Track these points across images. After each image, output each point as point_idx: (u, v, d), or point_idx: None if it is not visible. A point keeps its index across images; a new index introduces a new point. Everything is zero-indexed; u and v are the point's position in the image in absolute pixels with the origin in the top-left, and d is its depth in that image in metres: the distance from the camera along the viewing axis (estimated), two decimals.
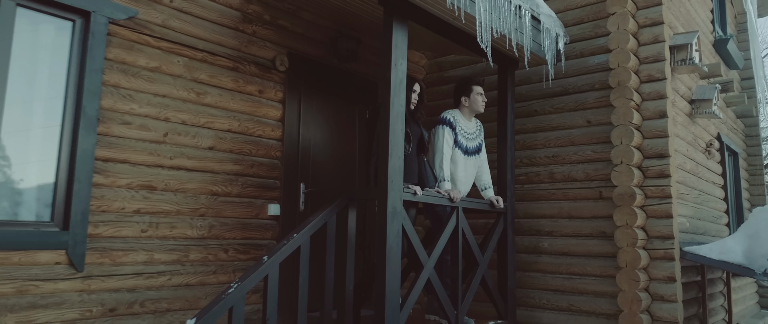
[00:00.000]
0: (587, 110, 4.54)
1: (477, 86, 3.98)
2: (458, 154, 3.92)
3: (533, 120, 4.83)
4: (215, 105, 3.84)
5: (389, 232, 3.12)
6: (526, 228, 4.73)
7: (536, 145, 4.79)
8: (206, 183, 3.75)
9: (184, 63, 3.69)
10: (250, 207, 4.01)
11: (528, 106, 4.88)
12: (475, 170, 4.09)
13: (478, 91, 3.98)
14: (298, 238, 3.06)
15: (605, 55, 4.44)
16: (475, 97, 3.97)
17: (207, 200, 3.75)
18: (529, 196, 4.76)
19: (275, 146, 4.21)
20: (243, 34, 4.05)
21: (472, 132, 4.05)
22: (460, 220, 3.70)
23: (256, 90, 4.11)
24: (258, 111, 4.11)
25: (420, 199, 3.43)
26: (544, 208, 4.65)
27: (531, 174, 4.78)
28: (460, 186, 3.96)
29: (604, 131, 4.39)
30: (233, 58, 3.97)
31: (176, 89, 3.64)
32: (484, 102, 4.00)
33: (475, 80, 4.00)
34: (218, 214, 3.81)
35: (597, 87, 4.51)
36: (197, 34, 3.77)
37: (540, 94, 4.82)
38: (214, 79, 3.85)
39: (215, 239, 3.78)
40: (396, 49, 3.30)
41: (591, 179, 4.44)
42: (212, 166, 3.79)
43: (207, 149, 3.77)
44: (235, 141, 3.95)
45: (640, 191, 4.12)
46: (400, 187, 3.22)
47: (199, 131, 3.74)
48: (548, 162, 4.69)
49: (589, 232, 4.39)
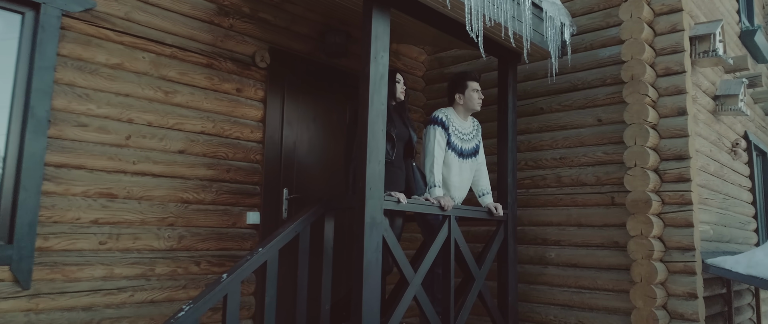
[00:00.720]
0: (598, 108, 4.13)
1: (473, 82, 3.61)
2: (452, 157, 3.56)
3: (539, 119, 4.44)
4: (186, 105, 3.54)
5: (367, 245, 2.77)
6: (530, 237, 4.34)
7: (542, 146, 4.39)
8: (175, 190, 3.45)
9: (150, 59, 3.39)
10: (226, 215, 3.69)
11: (533, 104, 4.49)
12: (472, 174, 3.72)
13: (474, 87, 3.61)
14: (263, 253, 2.73)
15: (617, 47, 4.03)
16: (470, 94, 3.60)
17: (176, 208, 3.44)
18: (535, 202, 4.37)
19: (255, 149, 3.89)
20: (218, 28, 3.74)
21: (467, 132, 3.68)
22: (452, 229, 3.34)
23: (233, 88, 3.79)
24: (236, 111, 3.79)
25: (404, 208, 3.08)
26: (551, 215, 4.26)
27: (536, 178, 4.38)
28: (454, 192, 3.59)
29: (616, 131, 3.98)
30: (207, 54, 3.66)
31: (141, 88, 3.34)
32: (480, 99, 3.63)
33: (471, 75, 3.63)
34: (189, 224, 3.50)
35: (608, 82, 4.10)
36: (165, 27, 3.46)
37: (546, 91, 4.43)
38: (185, 76, 3.54)
39: (186, 251, 3.47)
40: (376, 40, 2.95)
41: (602, 183, 4.03)
42: (182, 171, 3.49)
43: (176, 153, 3.47)
44: (210, 144, 3.63)
45: (657, 197, 3.71)
46: (380, 194, 2.87)
47: (167, 133, 3.43)
48: (555, 164, 4.30)
49: (600, 242, 3.99)
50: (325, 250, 3.01)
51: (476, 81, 3.61)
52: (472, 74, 3.63)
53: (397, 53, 5.07)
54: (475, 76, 3.62)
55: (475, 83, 3.61)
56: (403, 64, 5.13)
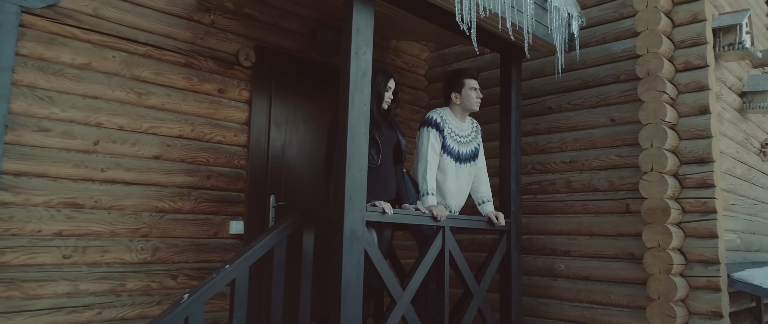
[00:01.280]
0: (611, 106, 3.79)
1: (470, 79, 3.30)
2: (448, 162, 3.25)
3: (547, 119, 4.11)
4: (162, 107, 3.30)
5: (346, 261, 2.49)
6: (538, 246, 4.01)
7: (551, 149, 4.06)
8: (149, 198, 3.21)
9: (121, 59, 3.16)
10: (206, 225, 3.45)
11: (541, 103, 4.16)
12: (471, 180, 3.41)
13: (472, 85, 3.30)
14: (231, 270, 2.47)
15: (632, 40, 3.68)
16: (467, 93, 3.29)
17: (151, 218, 3.21)
18: (543, 209, 4.04)
19: (239, 153, 3.64)
20: (198, 25, 3.50)
21: (465, 134, 3.38)
22: (446, 241, 3.04)
23: (214, 89, 3.55)
24: (217, 113, 3.55)
25: (391, 219, 2.79)
26: (560, 224, 3.93)
27: (544, 183, 4.05)
28: (450, 200, 3.29)
29: (631, 131, 3.63)
30: (186, 53, 3.42)
31: (111, 89, 3.11)
32: (478, 99, 3.32)
33: (468, 72, 3.32)
34: (165, 234, 3.27)
35: (622, 78, 3.76)
36: (139, 24, 3.23)
37: (554, 89, 4.09)
38: (161, 76, 3.31)
39: (161, 264, 3.24)
40: (358, 34, 2.67)
41: (616, 189, 3.69)
42: (157, 178, 3.25)
43: (151, 159, 3.24)
44: (188, 149, 3.39)
45: (676, 205, 3.35)
46: (361, 204, 2.59)
47: (140, 138, 3.20)
48: (565, 168, 3.96)
49: (614, 253, 3.64)
50: (303, 266, 2.74)
51: (474, 78, 3.31)
52: (470, 71, 3.33)
53: (398, 50, 4.79)
54: (473, 73, 3.32)
55: (473, 81, 3.30)
56: (404, 61, 4.84)
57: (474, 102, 3.29)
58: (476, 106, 3.31)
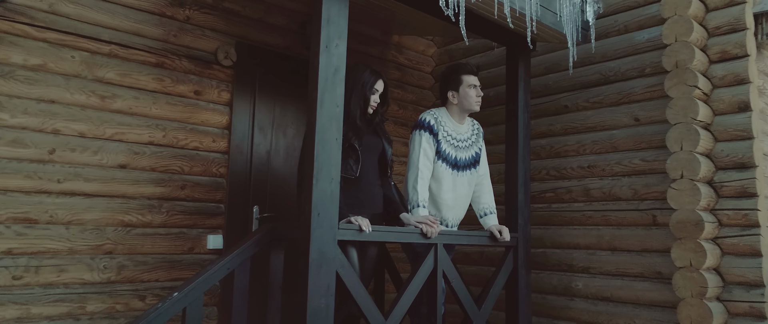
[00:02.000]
0: (634, 104, 3.34)
1: (468, 76, 2.91)
2: (443, 169, 2.87)
3: (563, 119, 3.68)
4: (129, 111, 3.02)
5: (313, 287, 2.14)
6: (553, 262, 3.58)
7: (567, 152, 3.63)
8: (114, 211, 2.93)
9: (81, 59, 2.88)
10: (180, 239, 3.15)
11: (556, 101, 3.73)
12: (471, 189, 3.02)
13: (470, 82, 2.91)
14: (180, 299, 2.15)
15: (658, 28, 3.22)
16: (465, 91, 2.90)
17: (116, 234, 2.92)
18: (558, 220, 3.61)
19: (218, 161, 3.33)
20: (171, 21, 3.20)
21: (464, 138, 2.99)
22: (439, 260, 2.65)
23: (190, 91, 3.25)
24: (193, 117, 3.25)
25: (370, 238, 2.42)
26: (578, 236, 3.49)
27: (560, 190, 3.62)
28: (446, 212, 2.90)
29: (657, 132, 3.18)
30: (156, 52, 3.13)
31: (70, 93, 2.84)
32: (478, 97, 2.92)
33: (466, 68, 2.93)
34: (132, 251, 2.98)
35: (647, 72, 3.30)
36: (102, 21, 2.96)
37: (571, 85, 3.66)
38: (128, 78, 3.03)
39: (127, 283, 2.95)
40: (329, 24, 2.32)
41: (640, 198, 3.24)
42: (124, 189, 2.97)
43: (116, 168, 2.95)
44: (159, 156, 3.10)
45: (711, 217, 2.89)
46: (332, 221, 2.23)
47: (104, 145, 2.92)
48: (583, 174, 3.52)
49: (639, 271, 3.19)
50: (271, 292, 2.40)
51: (473, 74, 2.91)
52: (468, 66, 2.94)
53: (400, 46, 4.42)
54: (472, 69, 2.92)
55: (472, 77, 2.91)
56: (408, 58, 4.47)
57: (473, 101, 2.90)
58: (476, 106, 2.92)
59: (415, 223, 2.62)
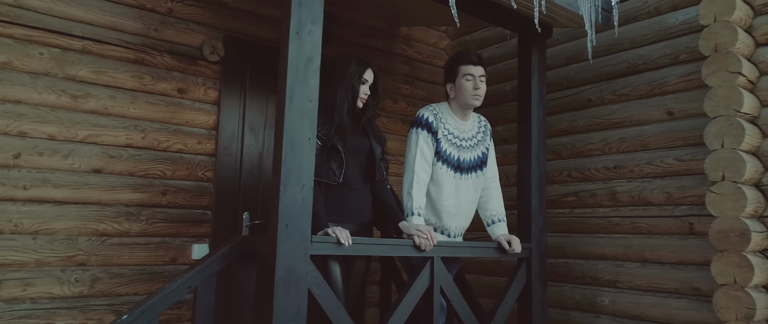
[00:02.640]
0: (667, 95, 2.93)
1: (465, 65, 2.56)
2: (443, 171, 2.54)
3: (586, 114, 3.29)
4: (104, 111, 2.80)
5: (278, 310, 1.85)
6: (576, 274, 3.20)
7: (591, 151, 3.24)
8: (87, 220, 2.71)
9: (51, 56, 2.68)
10: (161, 249, 2.92)
11: (578, 95, 3.34)
12: (477, 195, 2.67)
13: (467, 72, 2.56)
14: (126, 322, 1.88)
15: (693, 8, 2.82)
16: (461, 84, 2.56)
17: (89, 244, 2.70)
18: (581, 227, 3.22)
19: (204, 164, 3.09)
20: (152, 14, 2.98)
21: (469, 137, 2.65)
22: (436, 275, 2.32)
23: (172, 89, 3.01)
24: (176, 117, 3.01)
25: (351, 252, 2.11)
26: (604, 246, 3.10)
27: (583, 194, 3.23)
28: (447, 220, 2.57)
29: (694, 127, 2.77)
30: (135, 47, 2.91)
31: (37, 92, 2.63)
32: (476, 90, 2.55)
33: (464, 57, 2.59)
34: (108, 262, 2.76)
35: (682, 59, 2.89)
36: (74, 15, 2.74)
37: (595, 76, 3.27)
38: (103, 75, 2.81)
39: (102, 297, 2.73)
40: (301, 7, 2.03)
41: (675, 203, 2.83)
42: (98, 195, 2.75)
43: (89, 173, 2.74)
44: (137, 160, 2.87)
45: (760, 226, 2.47)
46: (303, 234, 1.94)
47: (76, 149, 2.71)
48: (609, 176, 3.13)
49: (674, 287, 2.79)
50: (238, 313, 2.12)
51: (471, 64, 2.56)
52: (466, 55, 2.59)
53: (409, 39, 4.10)
54: (471, 58, 2.57)
55: (470, 67, 2.56)
56: (418, 51, 4.14)
57: (470, 94, 2.55)
58: (473, 100, 2.56)
59: (411, 233, 2.30)
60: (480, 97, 2.54)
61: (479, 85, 2.53)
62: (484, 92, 2.55)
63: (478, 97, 2.54)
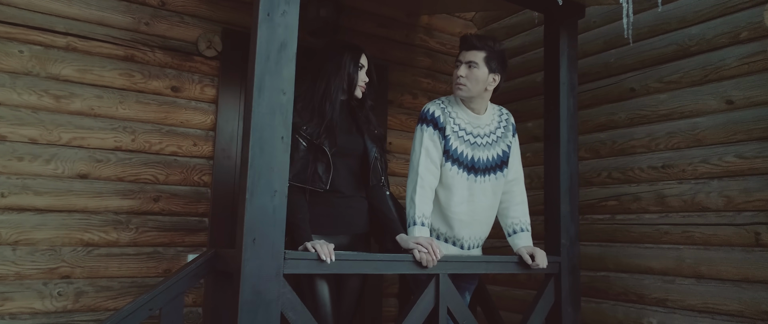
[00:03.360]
0: (725, 81, 2.48)
1: (461, 52, 2.22)
2: (454, 173, 2.20)
3: (628, 106, 2.86)
4: (91, 112, 2.61)
5: None
6: (618, 289, 2.78)
7: (634, 149, 2.81)
8: (71, 229, 2.53)
9: (32, 53, 2.51)
10: (153, 260, 2.70)
11: (619, 84, 2.92)
12: (496, 200, 2.31)
13: (457, 58, 2.23)
14: None
15: None
16: (455, 72, 2.23)
17: (73, 254, 2.52)
18: (624, 236, 2.80)
19: (201, 167, 2.86)
20: (142, 7, 2.77)
21: (485, 133, 2.29)
22: (441, 296, 1.99)
23: (166, 87, 2.80)
24: (170, 117, 2.80)
25: (335, 269, 1.81)
26: (650, 258, 2.67)
27: (626, 198, 2.81)
28: (460, 230, 2.22)
29: (759, 118, 2.32)
30: (124, 43, 2.71)
31: (17, 93, 2.46)
32: (460, 78, 2.17)
33: (464, 41, 2.24)
34: (94, 274, 2.57)
35: (743, 37, 2.43)
36: (56, 9, 2.57)
37: (638, 62, 2.84)
38: (89, 74, 2.62)
39: (88, 312, 2.54)
40: None
41: (736, 209, 2.38)
42: (83, 203, 2.56)
43: (73, 178, 2.55)
44: (127, 164, 2.67)
45: None
46: (275, 248, 1.65)
47: (59, 152, 2.53)
48: (655, 177, 2.70)
49: (737, 309, 2.34)
50: None
51: (462, 49, 2.22)
52: (463, 39, 2.24)
53: (430, 29, 3.76)
54: (466, 41, 2.21)
55: (460, 52, 2.22)
56: (440, 42, 3.80)
57: (454, 83, 2.21)
58: (456, 89, 2.22)
59: (412, 247, 1.97)
60: (464, 86, 2.17)
61: (465, 72, 2.17)
62: (473, 81, 2.16)
63: (462, 87, 2.18)
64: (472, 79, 2.16)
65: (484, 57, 2.17)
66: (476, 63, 2.16)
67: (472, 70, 2.16)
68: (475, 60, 2.16)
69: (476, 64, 2.16)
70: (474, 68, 2.16)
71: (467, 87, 2.17)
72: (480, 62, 2.16)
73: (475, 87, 2.17)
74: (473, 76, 2.16)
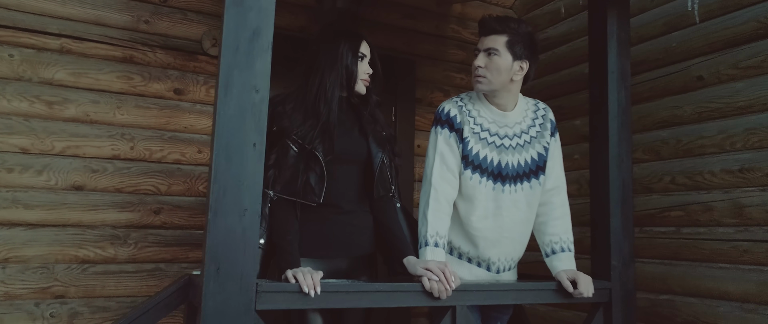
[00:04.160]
0: None
1: (483, 38, 1.86)
2: (476, 182, 1.84)
3: (695, 97, 2.41)
4: (86, 119, 2.43)
5: None
6: (686, 316, 2.33)
7: (703, 148, 2.35)
8: (65, 245, 2.34)
9: (23, 57, 2.34)
10: (154, 277, 2.49)
11: (684, 72, 2.47)
12: (532, 212, 1.93)
13: (476, 46, 1.87)
14: None
15: None
16: (474, 62, 1.87)
17: (67, 273, 2.34)
18: (692, 253, 2.35)
19: (206, 176, 2.63)
20: (142, 4, 2.57)
21: (514, 133, 1.92)
22: None
23: (167, 89, 2.59)
24: (172, 122, 2.59)
25: (323, 304, 1.49)
26: (725, 280, 2.21)
27: (694, 207, 2.36)
28: (486, 249, 1.86)
29: None
30: (122, 43, 2.52)
31: (7, 99, 2.31)
32: (478, 68, 1.82)
33: (482, 25, 1.87)
34: (90, 294, 2.38)
35: None
36: (49, 10, 2.40)
37: (707, 45, 2.38)
38: (85, 78, 2.44)
39: None
40: None
41: None
42: (78, 216, 2.38)
43: (67, 190, 2.37)
44: (126, 174, 2.47)
45: None
46: (245, 278, 1.36)
47: (52, 163, 2.35)
48: (731, 182, 2.23)
49: None
50: None
51: (488, 34, 1.85)
52: (480, 23, 1.88)
53: (463, 18, 3.40)
54: (487, 24, 1.85)
55: (481, 40, 1.86)
56: (475, 33, 3.40)
57: (473, 75, 1.85)
58: (476, 83, 1.85)
59: (420, 272, 1.64)
60: (484, 78, 1.81)
61: (484, 61, 1.81)
62: (494, 71, 1.79)
63: (481, 79, 1.82)
64: (493, 70, 1.80)
65: (506, 41, 1.80)
66: (497, 50, 1.80)
67: (492, 59, 1.80)
68: (495, 46, 1.80)
69: (497, 50, 1.80)
70: (494, 56, 1.80)
71: (487, 79, 1.81)
72: (501, 48, 1.80)
73: (497, 78, 1.81)
74: (494, 65, 1.80)
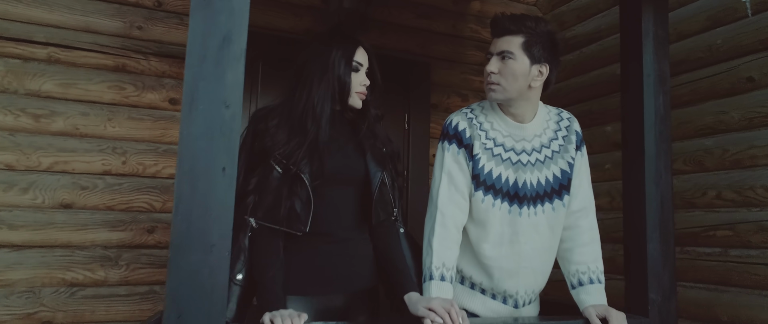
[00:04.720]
0: None
1: (496, 40, 1.61)
2: (488, 204, 1.61)
3: (745, 101, 2.12)
4: (75, 132, 2.29)
5: None
6: None
7: (755, 159, 2.07)
8: (52, 267, 2.21)
9: (8, 68, 2.21)
10: (148, 301, 2.33)
11: (730, 72, 2.18)
12: (555, 237, 1.68)
13: (490, 50, 1.62)
14: None
15: None
16: (486, 68, 1.62)
17: (55, 297, 2.20)
18: (742, 278, 2.06)
19: None
20: (135, 9, 2.42)
21: (534, 147, 1.67)
22: None
23: (163, 99, 2.43)
24: (168, 134, 2.43)
25: None
26: None
27: (744, 226, 2.07)
28: (502, 281, 1.63)
29: None
30: (114, 51, 2.37)
31: None
32: (491, 74, 1.56)
33: (494, 25, 1.63)
34: (79, 319, 2.23)
35: None
36: (36, 17, 2.27)
37: (758, 41, 2.09)
38: (74, 88, 2.30)
39: None
40: None
41: None
42: (66, 236, 2.23)
43: (55, 209, 2.23)
44: (117, 190, 2.32)
45: None
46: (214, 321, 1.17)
47: (38, 180, 2.22)
48: None
49: None
50: None
51: (496, 36, 1.61)
52: (493, 22, 1.64)
53: (483, 16, 3.17)
54: (500, 24, 1.60)
55: (494, 41, 1.62)
56: None
57: (485, 82, 1.60)
58: (489, 91, 1.59)
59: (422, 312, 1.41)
60: (497, 86, 1.56)
61: (497, 66, 1.56)
62: (508, 77, 1.54)
63: (494, 87, 1.57)
64: (508, 75, 1.56)
65: (522, 43, 1.56)
66: (511, 53, 1.56)
67: (506, 63, 1.57)
68: (510, 49, 1.56)
69: (511, 54, 1.56)
70: (509, 60, 1.56)
71: (502, 86, 1.57)
72: (517, 51, 1.56)
73: (512, 85, 1.57)
74: (509, 70, 1.56)
